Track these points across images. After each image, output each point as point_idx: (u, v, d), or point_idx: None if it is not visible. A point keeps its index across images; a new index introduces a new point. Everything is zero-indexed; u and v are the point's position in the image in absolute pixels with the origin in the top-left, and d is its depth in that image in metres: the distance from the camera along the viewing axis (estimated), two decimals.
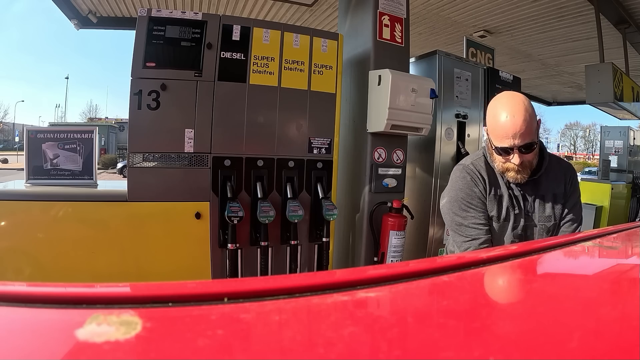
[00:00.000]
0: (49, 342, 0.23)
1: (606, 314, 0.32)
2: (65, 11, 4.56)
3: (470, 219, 1.15)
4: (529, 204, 1.13)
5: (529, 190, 1.13)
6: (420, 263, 0.41)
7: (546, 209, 1.12)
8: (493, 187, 1.14)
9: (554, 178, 1.14)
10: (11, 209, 1.78)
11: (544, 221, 1.12)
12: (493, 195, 1.13)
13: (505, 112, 1.04)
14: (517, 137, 1.02)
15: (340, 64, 2.14)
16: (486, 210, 1.15)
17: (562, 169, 1.17)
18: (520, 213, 1.12)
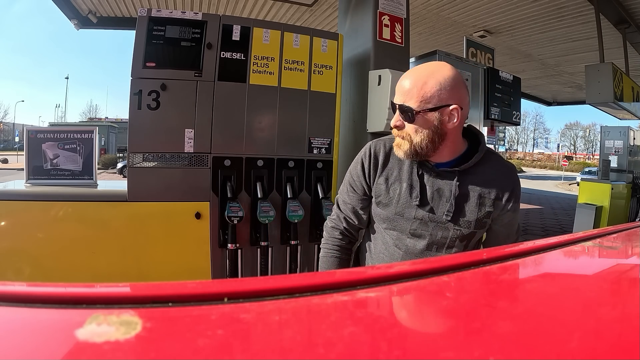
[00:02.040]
0: (49, 342, 0.23)
1: (606, 314, 0.32)
2: (65, 11, 4.56)
3: (343, 195, 1.02)
4: (442, 200, 0.89)
5: (445, 185, 0.89)
6: (420, 263, 0.41)
7: (466, 212, 0.88)
8: (389, 172, 0.94)
9: (486, 179, 0.89)
10: (11, 209, 1.78)
11: (460, 226, 0.89)
12: (384, 180, 0.93)
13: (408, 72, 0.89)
14: (399, 94, 0.86)
15: (340, 64, 2.14)
16: (363, 196, 0.98)
17: (504, 175, 0.92)
18: (420, 208, 0.89)
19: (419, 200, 0.89)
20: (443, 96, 0.83)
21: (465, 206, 0.88)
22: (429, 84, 0.83)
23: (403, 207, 0.91)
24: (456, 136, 0.89)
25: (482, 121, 2.86)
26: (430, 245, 0.91)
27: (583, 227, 4.68)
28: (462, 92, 0.86)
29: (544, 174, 31.57)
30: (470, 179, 0.89)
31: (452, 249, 0.91)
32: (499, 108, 2.94)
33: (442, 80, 0.83)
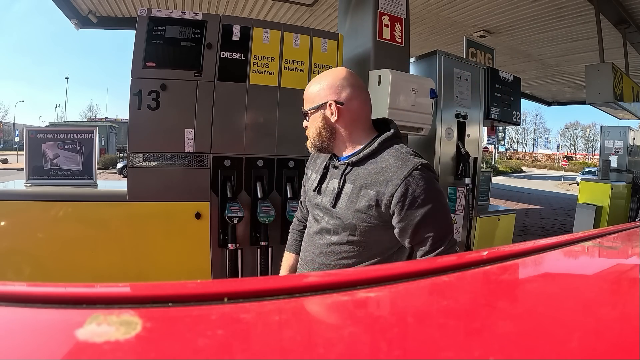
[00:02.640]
0: (49, 342, 0.23)
1: (606, 314, 0.32)
2: (65, 11, 4.56)
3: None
4: (332, 190, 0.95)
5: (337, 176, 0.95)
6: (420, 263, 0.41)
7: (346, 202, 0.91)
8: (314, 165, 1.08)
9: (371, 172, 0.90)
10: (11, 209, 1.78)
11: (339, 215, 0.92)
12: (310, 172, 1.09)
13: None
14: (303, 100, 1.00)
15: (340, 64, 2.14)
16: (305, 188, 1.13)
17: (393, 171, 0.87)
18: (318, 196, 0.99)
19: (317, 190, 1.01)
20: (322, 95, 0.94)
21: (347, 197, 0.93)
22: (312, 87, 0.97)
23: (310, 195, 1.05)
24: (349, 130, 0.95)
25: (482, 121, 2.86)
26: (321, 230, 0.98)
27: (583, 227, 4.68)
28: (343, 89, 0.94)
29: (544, 174, 31.58)
30: (357, 172, 0.93)
31: (337, 236, 0.95)
32: (499, 108, 2.94)
33: (322, 82, 0.95)
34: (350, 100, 0.94)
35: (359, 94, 0.95)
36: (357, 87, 0.96)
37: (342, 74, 0.96)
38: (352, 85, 0.95)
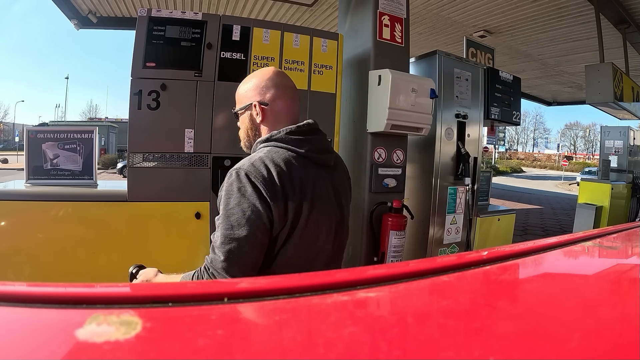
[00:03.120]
0: (49, 342, 0.23)
1: (606, 314, 0.32)
2: (65, 11, 4.56)
3: None
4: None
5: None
6: (420, 263, 0.41)
7: None
8: None
9: None
10: (11, 209, 1.78)
11: None
12: None
13: None
14: None
15: (340, 64, 2.14)
16: None
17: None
18: None
19: None
20: (248, 96, 0.96)
21: None
22: (240, 88, 0.98)
23: None
24: (273, 130, 0.94)
25: (482, 121, 2.86)
26: None
27: (583, 227, 4.68)
28: (268, 89, 0.94)
29: (544, 174, 31.57)
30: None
31: None
32: (499, 108, 2.94)
33: (249, 83, 0.97)
34: (274, 101, 0.94)
35: (282, 93, 0.96)
36: (282, 87, 0.96)
37: (268, 74, 0.97)
38: (277, 86, 0.95)
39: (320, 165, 0.93)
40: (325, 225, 0.92)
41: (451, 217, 2.65)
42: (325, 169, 0.94)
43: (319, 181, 0.91)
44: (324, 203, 0.91)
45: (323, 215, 0.91)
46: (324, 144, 0.96)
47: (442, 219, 2.61)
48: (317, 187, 0.90)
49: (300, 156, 0.89)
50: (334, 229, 0.95)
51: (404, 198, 2.33)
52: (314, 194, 0.88)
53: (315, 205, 0.88)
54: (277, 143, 0.89)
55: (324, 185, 0.92)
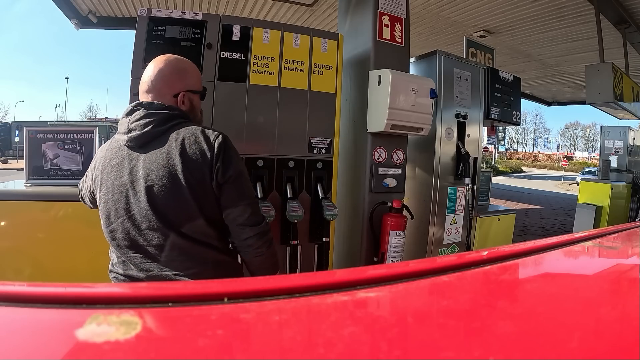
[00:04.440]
0: (49, 342, 0.23)
1: (606, 314, 0.32)
2: (65, 11, 4.56)
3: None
4: None
5: None
6: (420, 263, 0.40)
7: None
8: None
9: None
10: (11, 209, 1.78)
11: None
12: None
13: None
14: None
15: (340, 64, 2.14)
16: None
17: None
18: None
19: None
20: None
21: None
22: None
23: None
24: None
25: (482, 121, 2.86)
26: None
27: (583, 227, 4.68)
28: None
29: (544, 174, 31.57)
30: None
31: None
32: (499, 108, 2.94)
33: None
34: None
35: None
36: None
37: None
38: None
39: (129, 145, 0.98)
40: (112, 205, 0.97)
41: (451, 217, 2.65)
42: (130, 153, 0.98)
43: (113, 163, 0.98)
44: (112, 184, 0.97)
45: (107, 195, 0.98)
46: (127, 126, 0.99)
47: (442, 219, 2.61)
48: (110, 169, 0.98)
49: (114, 139, 1.05)
50: (127, 208, 0.95)
51: (404, 198, 2.33)
52: (105, 176, 0.99)
53: (102, 187, 0.99)
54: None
55: (118, 168, 0.98)
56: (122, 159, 0.97)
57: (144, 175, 0.93)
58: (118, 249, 0.98)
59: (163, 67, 1.03)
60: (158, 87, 1.02)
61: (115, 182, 0.96)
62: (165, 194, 0.92)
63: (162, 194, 0.92)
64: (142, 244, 0.94)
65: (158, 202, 0.92)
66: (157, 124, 0.96)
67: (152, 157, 0.94)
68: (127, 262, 0.98)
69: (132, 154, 0.96)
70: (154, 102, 0.99)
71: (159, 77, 1.02)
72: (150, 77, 1.02)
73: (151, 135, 0.95)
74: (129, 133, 0.97)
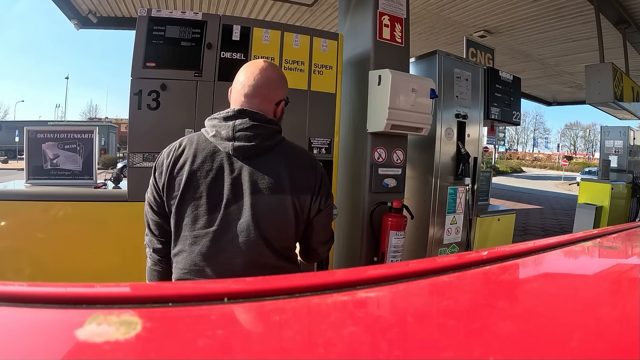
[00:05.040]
0: (49, 342, 0.23)
1: (606, 314, 0.32)
2: (65, 11, 4.56)
3: None
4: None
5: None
6: (420, 263, 0.40)
7: None
8: None
9: None
10: (11, 209, 1.78)
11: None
12: None
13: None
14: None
15: (340, 64, 2.14)
16: None
17: None
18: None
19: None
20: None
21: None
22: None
23: None
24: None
25: (482, 121, 2.86)
26: None
27: (583, 227, 4.68)
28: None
29: (544, 174, 31.57)
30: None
31: None
32: (499, 108, 2.94)
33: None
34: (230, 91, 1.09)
35: (235, 84, 1.05)
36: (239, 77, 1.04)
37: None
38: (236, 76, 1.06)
39: (233, 155, 0.93)
40: (203, 211, 0.90)
41: (451, 217, 2.65)
42: (231, 159, 0.93)
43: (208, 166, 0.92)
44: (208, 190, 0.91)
45: (199, 200, 0.91)
46: (230, 133, 0.93)
47: (442, 219, 2.61)
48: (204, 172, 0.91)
49: (205, 140, 0.96)
50: (216, 217, 0.91)
51: (404, 198, 2.33)
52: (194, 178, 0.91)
53: (190, 189, 0.91)
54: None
55: (215, 172, 0.92)
56: (221, 165, 0.92)
57: (250, 189, 0.91)
58: (197, 256, 0.91)
59: (270, 73, 1.00)
60: (264, 93, 0.99)
61: (213, 190, 0.91)
62: (270, 214, 0.92)
63: (266, 212, 0.91)
64: (229, 256, 0.91)
65: (261, 220, 0.91)
66: (264, 138, 0.95)
67: (259, 172, 0.93)
68: (203, 271, 0.91)
69: (235, 163, 0.92)
70: (257, 113, 0.97)
71: (267, 82, 0.99)
72: (257, 80, 0.98)
73: (258, 149, 0.94)
74: (233, 141, 0.93)
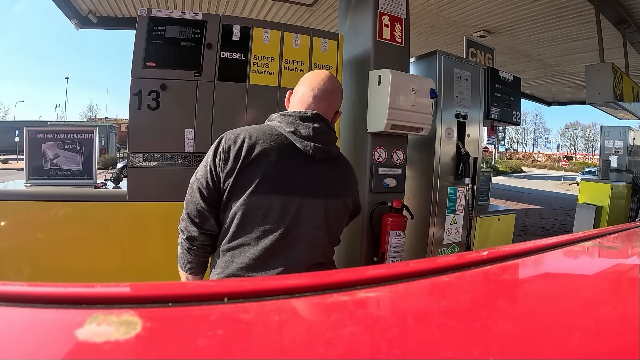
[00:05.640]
0: (49, 342, 0.23)
1: (606, 314, 0.32)
2: (65, 11, 4.56)
3: None
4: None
5: None
6: (420, 263, 0.40)
7: None
8: None
9: None
10: (11, 209, 1.78)
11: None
12: None
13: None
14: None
15: (340, 64, 2.14)
16: None
17: None
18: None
19: None
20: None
21: None
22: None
23: None
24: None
25: (482, 121, 2.86)
26: None
27: (583, 227, 4.68)
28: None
29: (544, 174, 31.57)
30: None
31: None
32: (499, 108, 2.94)
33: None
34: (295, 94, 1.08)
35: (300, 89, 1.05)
36: (305, 84, 1.04)
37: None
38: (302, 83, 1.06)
39: (303, 152, 0.94)
40: (277, 205, 0.91)
41: (451, 217, 2.64)
42: (306, 157, 0.95)
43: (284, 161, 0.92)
44: (283, 184, 0.91)
45: (271, 192, 0.90)
46: (310, 133, 0.95)
47: (442, 219, 2.61)
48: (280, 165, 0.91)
49: (279, 134, 0.95)
50: (289, 212, 0.91)
51: (404, 198, 2.33)
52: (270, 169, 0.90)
53: (265, 181, 0.90)
54: (272, 121, 1.00)
55: (291, 167, 0.93)
56: (297, 162, 0.94)
57: (325, 189, 0.96)
58: (263, 250, 0.89)
59: (335, 82, 1.04)
60: (331, 99, 1.02)
61: (289, 185, 0.91)
62: (337, 216, 1.01)
63: (335, 213, 0.99)
64: (298, 252, 0.92)
65: (330, 221, 0.97)
66: (334, 144, 1.01)
67: (333, 175, 1.00)
68: (266, 264, 0.90)
69: (313, 163, 0.95)
70: (328, 120, 1.01)
71: (333, 88, 1.03)
72: (327, 86, 1.02)
73: (330, 153, 0.99)
74: (313, 141, 0.94)
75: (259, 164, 0.90)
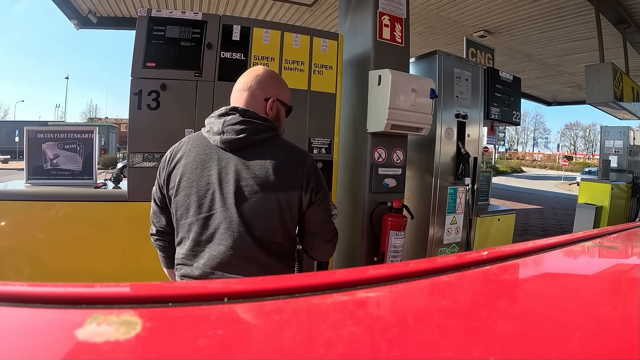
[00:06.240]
0: (49, 342, 0.23)
1: (606, 314, 0.32)
2: (66, 11, 4.56)
3: None
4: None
5: None
6: (420, 263, 0.40)
7: None
8: None
9: None
10: (11, 209, 1.78)
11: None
12: None
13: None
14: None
15: (340, 64, 2.14)
16: None
17: None
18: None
19: None
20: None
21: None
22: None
23: None
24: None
25: (482, 121, 2.86)
26: None
27: (583, 227, 4.68)
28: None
29: (544, 174, 31.57)
30: None
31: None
32: (499, 108, 2.94)
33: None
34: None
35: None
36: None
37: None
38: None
39: (219, 147, 1.00)
40: (194, 199, 0.98)
41: (451, 217, 2.65)
42: (220, 151, 1.00)
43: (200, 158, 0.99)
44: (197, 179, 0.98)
45: (190, 189, 0.98)
46: (221, 127, 1.00)
47: (442, 219, 2.61)
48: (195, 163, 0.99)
49: (200, 136, 1.04)
50: (205, 205, 0.97)
51: (404, 198, 2.33)
52: (187, 169, 0.99)
53: (183, 180, 0.99)
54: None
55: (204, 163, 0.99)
56: (210, 157, 0.99)
57: (234, 178, 0.96)
58: (192, 242, 0.99)
59: (260, 73, 1.09)
60: (253, 88, 1.07)
61: (202, 179, 0.98)
62: (254, 203, 0.96)
63: (250, 202, 0.96)
64: (216, 242, 0.97)
65: (245, 209, 0.96)
66: (252, 132, 1.00)
67: (246, 164, 0.98)
68: (198, 256, 0.98)
69: (223, 155, 0.99)
70: (248, 110, 1.03)
71: (255, 79, 1.07)
72: (247, 79, 1.08)
73: (245, 142, 0.99)
74: (222, 135, 0.99)
75: (179, 167, 1.01)
